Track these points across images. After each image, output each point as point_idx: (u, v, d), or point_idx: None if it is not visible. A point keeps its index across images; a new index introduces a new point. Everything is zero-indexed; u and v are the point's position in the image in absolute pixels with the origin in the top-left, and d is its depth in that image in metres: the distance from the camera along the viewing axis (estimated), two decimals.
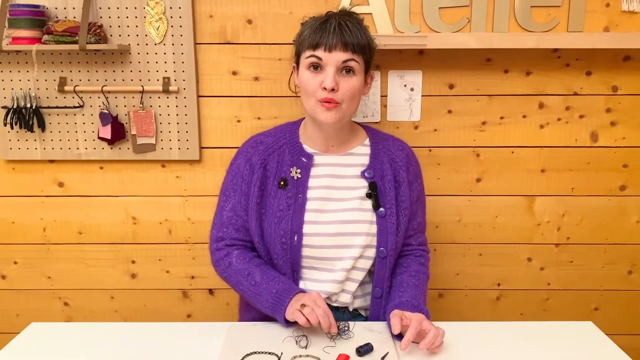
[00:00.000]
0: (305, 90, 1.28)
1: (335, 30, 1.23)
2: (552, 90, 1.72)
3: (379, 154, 1.38)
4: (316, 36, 1.24)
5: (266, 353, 1.11)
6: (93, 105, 1.71)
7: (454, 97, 1.73)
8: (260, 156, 1.37)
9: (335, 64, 1.24)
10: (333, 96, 1.24)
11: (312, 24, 1.28)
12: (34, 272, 1.86)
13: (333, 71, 1.24)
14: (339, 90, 1.25)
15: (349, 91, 1.26)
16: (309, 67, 1.27)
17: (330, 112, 1.26)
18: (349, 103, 1.27)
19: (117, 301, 1.89)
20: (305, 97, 1.29)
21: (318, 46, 1.24)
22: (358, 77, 1.27)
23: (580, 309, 1.89)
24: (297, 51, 1.32)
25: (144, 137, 1.72)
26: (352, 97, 1.27)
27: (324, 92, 1.24)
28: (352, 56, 1.24)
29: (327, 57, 1.24)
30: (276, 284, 1.25)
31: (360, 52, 1.25)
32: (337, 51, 1.23)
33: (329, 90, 1.24)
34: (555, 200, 1.80)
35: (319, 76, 1.25)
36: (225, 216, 1.38)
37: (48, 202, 1.81)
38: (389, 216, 1.33)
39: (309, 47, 1.25)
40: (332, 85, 1.23)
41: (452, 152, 1.77)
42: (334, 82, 1.23)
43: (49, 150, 1.75)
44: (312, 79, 1.26)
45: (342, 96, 1.25)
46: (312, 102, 1.27)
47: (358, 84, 1.27)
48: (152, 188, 1.79)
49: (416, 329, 1.12)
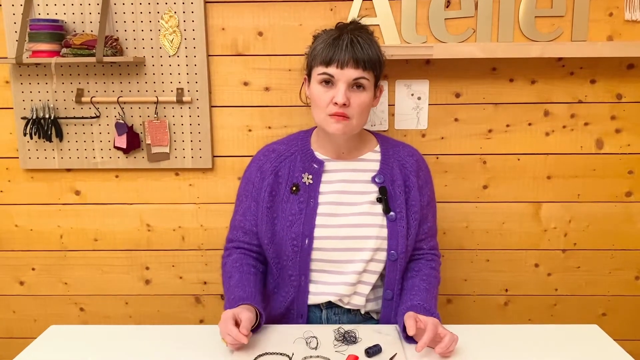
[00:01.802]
0: (317, 104, 1.33)
1: (347, 48, 1.27)
2: (557, 99, 1.75)
3: (389, 159, 1.42)
4: (329, 53, 1.28)
5: (278, 354, 1.15)
6: (109, 115, 1.76)
7: (460, 106, 1.76)
8: (272, 164, 1.41)
9: (346, 81, 1.28)
10: (344, 111, 1.29)
11: (325, 38, 1.31)
12: (51, 279, 1.91)
13: (344, 87, 1.28)
14: (350, 105, 1.29)
15: (359, 106, 1.30)
16: (320, 82, 1.31)
17: (340, 124, 1.30)
18: (359, 117, 1.32)
19: (132, 307, 1.93)
20: (316, 110, 1.34)
21: (330, 63, 1.28)
22: (368, 92, 1.31)
23: (587, 314, 1.90)
24: (309, 64, 1.36)
25: (158, 146, 1.77)
26: (361, 111, 1.32)
27: (335, 107, 1.29)
28: (363, 74, 1.28)
29: (339, 74, 1.28)
30: (239, 291, 1.29)
31: (371, 69, 1.30)
32: (349, 68, 1.27)
33: (341, 105, 1.28)
34: (562, 207, 1.82)
35: (331, 91, 1.30)
36: (237, 220, 1.44)
37: (65, 210, 1.86)
38: (399, 220, 1.36)
39: (321, 63, 1.30)
40: (343, 101, 1.28)
41: (459, 160, 1.80)
42: (345, 98, 1.28)
43: (66, 160, 1.80)
44: (324, 94, 1.30)
45: (352, 111, 1.30)
46: (323, 115, 1.32)
47: (368, 98, 1.32)
48: (166, 196, 1.84)
49: (433, 332, 1.14)
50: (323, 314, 1.40)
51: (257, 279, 1.37)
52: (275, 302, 1.42)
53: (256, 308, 1.24)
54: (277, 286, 1.42)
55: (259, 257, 1.44)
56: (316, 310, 1.40)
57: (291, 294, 1.38)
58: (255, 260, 1.43)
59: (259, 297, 1.31)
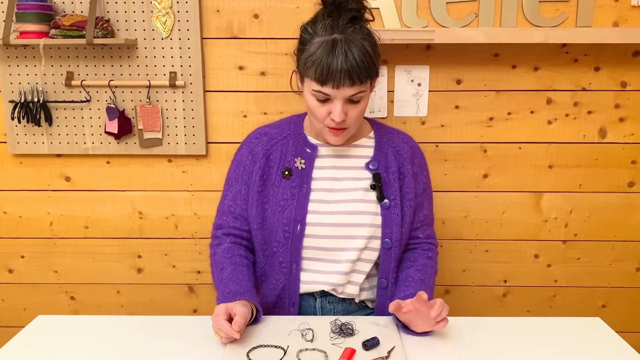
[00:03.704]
0: (312, 114, 1.27)
1: (341, 65, 1.16)
2: (560, 86, 1.71)
3: (383, 146, 1.38)
4: (322, 72, 1.18)
5: (272, 346, 1.11)
6: (100, 99, 1.71)
7: (461, 93, 1.72)
8: (263, 146, 1.37)
9: (342, 98, 1.22)
10: (341, 125, 1.25)
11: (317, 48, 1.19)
12: (41, 266, 1.87)
13: (341, 104, 1.22)
14: (347, 118, 1.24)
15: (357, 117, 1.25)
16: (315, 97, 1.24)
17: (338, 136, 1.27)
18: (357, 123, 1.28)
19: (123, 296, 1.89)
20: (312, 118, 1.29)
21: (325, 83, 1.19)
22: (365, 99, 1.25)
23: (587, 306, 1.88)
24: (301, 69, 1.26)
25: (151, 131, 1.72)
26: (359, 119, 1.27)
27: (333, 122, 1.24)
28: (359, 89, 1.21)
29: (334, 92, 1.21)
30: (234, 285, 1.25)
31: (367, 79, 1.22)
32: (344, 87, 1.20)
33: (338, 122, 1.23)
34: (563, 197, 1.79)
35: (327, 106, 1.24)
36: (226, 205, 1.40)
37: (55, 196, 1.81)
38: (393, 207, 1.33)
39: (315, 80, 1.20)
40: (340, 119, 1.22)
41: (459, 148, 1.76)
42: (343, 115, 1.22)
43: (55, 145, 1.75)
44: (319, 108, 1.24)
45: (350, 122, 1.25)
46: (320, 126, 1.28)
47: (366, 104, 1.26)
48: (159, 183, 1.80)
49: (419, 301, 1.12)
50: (317, 303, 1.37)
51: (250, 272, 1.33)
52: (265, 290, 1.39)
53: (252, 303, 1.20)
54: (265, 274, 1.38)
55: (250, 246, 1.41)
56: (310, 299, 1.37)
57: (281, 282, 1.35)
58: (246, 250, 1.39)
59: (254, 291, 1.27)
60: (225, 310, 1.14)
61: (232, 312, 1.14)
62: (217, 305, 1.21)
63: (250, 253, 1.40)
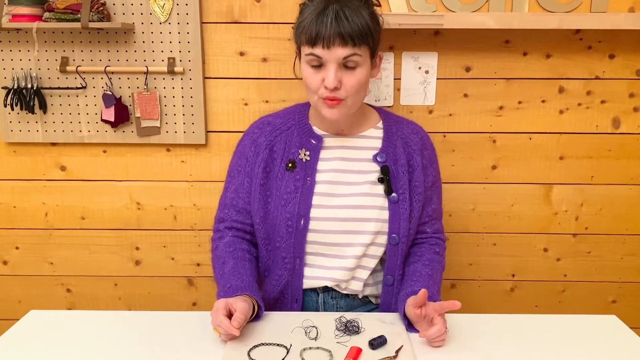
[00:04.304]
0: (307, 86, 1.22)
1: (332, 24, 1.12)
2: (572, 74, 1.65)
3: (392, 137, 1.32)
4: (313, 31, 1.14)
5: (274, 345, 1.06)
6: (96, 86, 1.66)
7: (470, 81, 1.66)
8: (266, 137, 1.31)
9: (335, 61, 1.15)
10: (336, 94, 1.17)
11: (309, 13, 1.17)
12: (36, 258, 1.82)
13: (334, 68, 1.16)
14: (343, 87, 1.17)
15: (353, 87, 1.18)
16: (309, 63, 1.19)
17: (334, 109, 1.19)
18: (355, 96, 1.20)
19: (121, 288, 1.84)
20: (308, 92, 1.23)
21: (316, 43, 1.15)
22: (363, 68, 1.18)
23: (597, 301, 1.83)
24: (297, 42, 1.23)
25: (148, 119, 1.67)
26: (357, 90, 1.19)
27: (327, 91, 1.18)
28: (352, 50, 1.15)
29: (326, 54, 1.15)
30: (235, 279, 1.20)
31: (362, 43, 1.15)
32: (336, 47, 1.14)
33: (331, 89, 1.17)
34: (574, 189, 1.74)
35: (321, 73, 1.18)
36: (229, 197, 1.34)
37: (50, 186, 1.76)
38: (402, 202, 1.27)
39: (307, 43, 1.16)
40: (334, 85, 1.16)
41: (468, 138, 1.70)
42: (336, 81, 1.16)
43: (50, 133, 1.69)
44: (313, 76, 1.19)
45: (346, 92, 1.18)
46: (315, 99, 1.21)
47: (363, 75, 1.19)
48: (157, 173, 1.74)
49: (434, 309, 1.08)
50: (320, 298, 1.32)
51: (252, 266, 1.28)
52: (267, 285, 1.34)
53: (254, 299, 1.15)
54: (268, 269, 1.33)
55: (253, 240, 1.35)
56: (312, 294, 1.32)
57: (284, 278, 1.30)
58: (248, 244, 1.34)
59: (256, 287, 1.21)
60: (225, 306, 1.09)
61: (232, 307, 1.09)
62: (217, 300, 1.16)
63: (253, 247, 1.35)
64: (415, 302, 1.10)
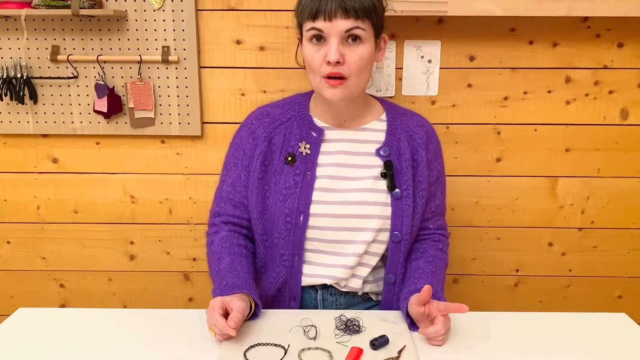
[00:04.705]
0: (310, 66, 1.17)
1: None
2: (580, 64, 1.60)
3: (396, 130, 1.27)
4: (314, 5, 1.11)
5: (271, 345, 1.02)
6: (88, 75, 1.60)
7: (474, 70, 1.61)
8: (265, 129, 1.26)
9: (338, 34, 1.11)
10: (339, 70, 1.12)
11: None
12: (28, 253, 1.77)
13: (336, 42, 1.11)
14: (345, 63, 1.13)
15: (356, 63, 1.13)
16: (310, 39, 1.15)
17: (336, 89, 1.14)
18: (358, 76, 1.15)
19: (115, 283, 1.80)
20: (311, 74, 1.18)
21: (317, 16, 1.11)
22: (366, 45, 1.14)
23: (602, 296, 1.79)
24: (299, 22, 1.19)
25: (142, 110, 1.62)
26: (360, 69, 1.14)
27: (329, 67, 1.13)
28: (355, 23, 1.11)
29: (328, 27, 1.11)
30: (231, 276, 1.15)
31: (365, 17, 1.11)
32: (338, 19, 1.10)
33: (334, 63, 1.12)
34: (580, 182, 1.69)
35: (323, 49, 1.13)
36: (225, 191, 1.30)
37: (42, 179, 1.71)
38: (405, 198, 1.22)
39: (308, 18, 1.13)
40: (336, 57, 1.11)
41: (471, 130, 1.65)
42: (338, 54, 1.11)
43: (41, 124, 1.64)
44: (316, 53, 1.14)
45: (349, 69, 1.13)
46: (318, 79, 1.16)
47: (367, 52, 1.14)
48: (151, 165, 1.69)
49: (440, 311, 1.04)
50: (318, 295, 1.28)
51: (249, 263, 1.24)
52: (265, 282, 1.29)
53: (251, 297, 1.11)
54: (265, 265, 1.29)
55: (249, 234, 1.31)
56: (311, 291, 1.28)
57: (282, 275, 1.25)
58: (245, 239, 1.29)
59: (254, 284, 1.17)
60: (221, 305, 1.04)
61: (229, 306, 1.05)
62: (212, 297, 1.12)
63: (250, 242, 1.31)
64: (419, 300, 1.05)
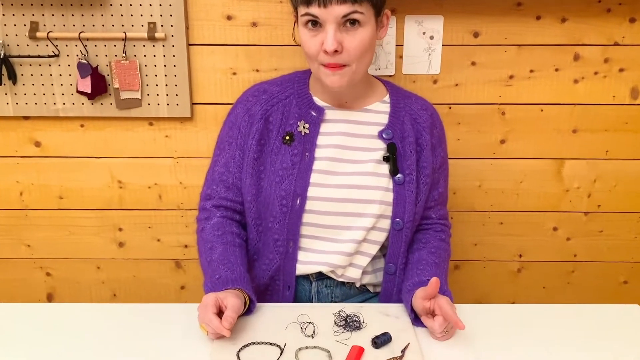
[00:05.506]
0: (306, 52, 1.09)
1: None
2: (589, 40, 1.52)
3: (399, 112, 1.19)
4: None
5: (267, 344, 0.96)
6: (70, 54, 1.51)
7: (478, 47, 1.53)
8: (262, 106, 1.18)
9: (334, 20, 1.03)
10: (337, 60, 1.05)
11: None
12: (12, 240, 1.70)
13: (333, 29, 1.03)
14: (344, 50, 1.05)
15: (356, 49, 1.05)
16: (306, 24, 1.07)
17: (336, 75, 1.07)
18: (359, 61, 1.08)
19: (104, 272, 1.73)
20: (308, 59, 1.11)
21: (311, 1, 1.03)
22: (366, 28, 1.06)
23: (607, 282, 1.74)
24: (292, 3, 1.10)
25: (128, 91, 1.53)
26: (361, 54, 1.07)
27: (327, 57, 1.05)
28: (352, 7, 1.02)
29: (323, 13, 1.02)
30: (225, 269, 1.08)
31: None
32: (333, 4, 1.01)
33: (331, 53, 1.04)
34: (587, 164, 1.62)
35: (319, 35, 1.05)
36: (217, 172, 1.22)
37: (24, 163, 1.63)
38: (408, 184, 1.15)
39: (302, 3, 1.05)
40: (333, 47, 1.03)
41: (475, 110, 1.58)
42: (336, 43, 1.03)
43: (22, 106, 1.55)
44: (311, 39, 1.06)
45: (349, 56, 1.05)
46: (315, 66, 1.09)
47: (367, 35, 1.06)
48: (139, 149, 1.61)
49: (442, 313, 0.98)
50: (313, 287, 1.21)
51: (242, 253, 1.17)
52: (257, 270, 1.23)
53: (245, 293, 1.04)
54: (258, 252, 1.22)
55: (242, 220, 1.24)
56: (305, 282, 1.21)
57: (276, 262, 1.19)
58: (238, 226, 1.22)
59: (248, 278, 1.10)
60: (215, 302, 0.98)
61: (223, 304, 0.98)
62: (204, 291, 1.05)
63: (243, 230, 1.24)
64: (426, 294, 0.99)
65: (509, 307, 1.13)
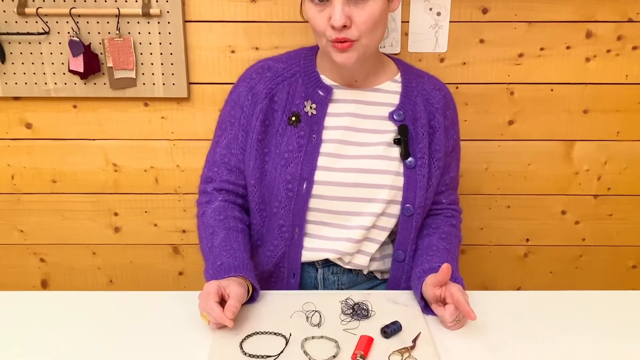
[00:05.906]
0: (313, 29, 1.03)
1: None
2: (602, 16, 1.46)
3: (411, 92, 1.14)
4: None
5: (271, 334, 0.91)
6: (61, 31, 1.44)
7: (487, 24, 1.47)
8: (266, 84, 1.12)
9: None
10: (346, 35, 0.99)
11: None
12: (4, 225, 1.65)
13: (341, 3, 0.97)
14: (353, 24, 0.99)
15: (365, 23, 0.99)
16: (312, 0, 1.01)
17: (345, 53, 1.01)
18: (370, 36, 1.01)
19: (100, 257, 1.69)
20: (315, 36, 1.05)
21: None
22: (376, 0, 1.00)
23: (616, 266, 1.70)
24: None
25: (122, 70, 1.47)
26: (372, 27, 1.00)
27: (335, 32, 0.99)
28: None
29: None
30: (227, 256, 1.04)
31: None
32: None
33: (339, 29, 0.98)
34: (597, 146, 1.58)
35: (327, 10, 0.99)
36: (219, 154, 1.16)
37: (15, 146, 1.57)
38: (420, 168, 1.10)
39: None
40: (341, 22, 0.97)
41: (483, 90, 1.52)
42: (344, 18, 0.97)
43: (11, 86, 1.49)
44: (319, 15, 1.00)
45: (358, 31, 0.99)
46: (324, 42, 1.03)
47: (377, 9, 1.00)
48: (135, 130, 1.55)
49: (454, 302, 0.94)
50: (319, 273, 1.17)
51: (245, 239, 1.12)
52: (261, 256, 1.18)
53: (248, 281, 0.99)
54: (262, 238, 1.18)
55: (245, 204, 1.19)
56: (310, 269, 1.17)
57: (281, 248, 1.14)
58: (240, 210, 1.17)
59: (251, 265, 1.05)
60: (217, 290, 0.93)
61: (225, 292, 0.94)
62: (205, 278, 1.01)
63: (246, 214, 1.19)
64: (437, 281, 0.95)
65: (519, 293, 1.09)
